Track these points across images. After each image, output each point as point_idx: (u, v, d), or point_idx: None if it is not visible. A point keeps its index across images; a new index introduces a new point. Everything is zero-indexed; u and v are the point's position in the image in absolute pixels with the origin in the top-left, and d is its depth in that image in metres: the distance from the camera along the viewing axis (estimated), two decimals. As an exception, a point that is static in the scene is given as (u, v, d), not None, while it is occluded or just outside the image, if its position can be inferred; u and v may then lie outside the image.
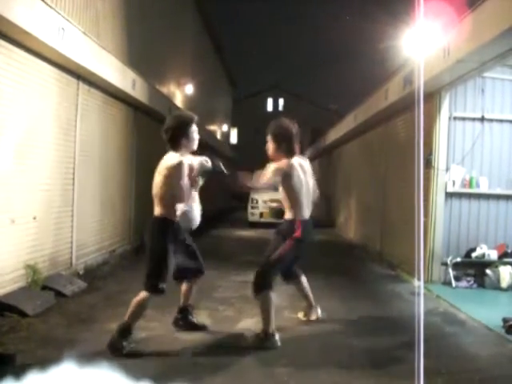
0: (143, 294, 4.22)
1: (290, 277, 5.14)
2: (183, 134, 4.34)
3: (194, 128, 4.43)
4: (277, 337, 4.43)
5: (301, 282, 5.22)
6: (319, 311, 5.31)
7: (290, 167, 4.55)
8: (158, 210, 4.31)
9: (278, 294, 6.25)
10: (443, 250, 7.48)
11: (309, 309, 5.28)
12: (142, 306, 4.22)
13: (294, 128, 4.72)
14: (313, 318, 5.26)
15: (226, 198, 25.28)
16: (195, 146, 4.48)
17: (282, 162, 4.57)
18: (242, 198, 15.77)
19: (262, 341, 4.40)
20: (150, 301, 4.24)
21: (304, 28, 60.00)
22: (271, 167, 4.56)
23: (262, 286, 4.51)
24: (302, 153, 4.92)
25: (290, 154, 4.62)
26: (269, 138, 4.75)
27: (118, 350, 4.09)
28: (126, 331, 4.17)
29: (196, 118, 4.47)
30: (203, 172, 4.37)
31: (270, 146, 4.74)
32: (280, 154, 4.64)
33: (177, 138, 4.33)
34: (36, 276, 5.84)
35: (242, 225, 16.38)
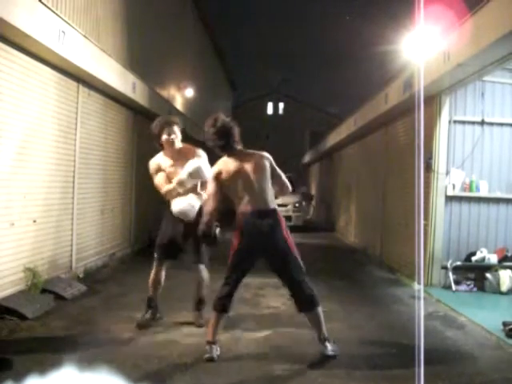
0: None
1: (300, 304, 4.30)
2: (158, 136, 5.05)
3: (166, 130, 5.00)
4: (213, 349, 4.15)
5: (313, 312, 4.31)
6: (329, 348, 4.22)
7: (217, 166, 4.30)
8: None
9: (276, 298, 6.27)
10: (443, 253, 7.48)
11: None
12: None
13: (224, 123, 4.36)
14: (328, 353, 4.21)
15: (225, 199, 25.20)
16: (169, 145, 5.02)
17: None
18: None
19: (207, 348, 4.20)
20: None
21: (304, 32, 60.09)
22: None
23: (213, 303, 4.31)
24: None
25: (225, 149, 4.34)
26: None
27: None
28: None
29: (166, 119, 5.18)
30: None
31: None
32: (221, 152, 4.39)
33: (157, 141, 5.10)
34: (36, 279, 5.83)
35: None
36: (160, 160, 5.09)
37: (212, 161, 4.68)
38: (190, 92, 16.38)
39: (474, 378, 3.97)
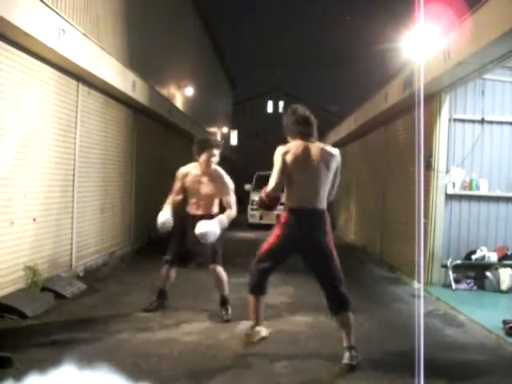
0: None
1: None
2: (198, 153, 5.32)
3: (209, 151, 5.27)
4: (262, 331, 4.57)
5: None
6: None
7: (287, 145, 4.18)
8: None
9: (275, 296, 6.27)
10: (443, 252, 7.48)
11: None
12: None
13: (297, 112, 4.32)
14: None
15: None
16: (206, 165, 5.32)
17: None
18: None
19: None
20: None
21: (304, 30, 60.05)
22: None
23: (248, 285, 4.41)
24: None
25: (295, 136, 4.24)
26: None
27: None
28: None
29: (213, 142, 5.36)
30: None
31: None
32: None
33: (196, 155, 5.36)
34: (36, 277, 5.84)
35: (241, 227, 16.34)
36: (190, 170, 5.43)
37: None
38: (189, 90, 16.37)
39: (474, 377, 3.98)
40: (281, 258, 4.27)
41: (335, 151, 4.20)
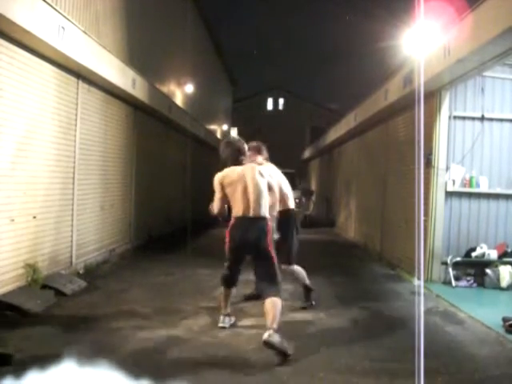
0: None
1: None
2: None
3: None
4: (226, 319, 4.98)
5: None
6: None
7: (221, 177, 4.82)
8: None
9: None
10: (443, 249, 7.49)
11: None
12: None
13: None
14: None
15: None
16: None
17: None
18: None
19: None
20: None
21: (304, 27, 59.99)
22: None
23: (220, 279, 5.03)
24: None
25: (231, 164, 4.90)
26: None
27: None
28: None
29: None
30: None
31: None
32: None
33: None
34: (36, 275, 5.85)
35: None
36: None
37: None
38: (189, 88, 16.35)
39: (474, 374, 3.98)
40: (236, 256, 4.85)
41: (268, 167, 5.25)
